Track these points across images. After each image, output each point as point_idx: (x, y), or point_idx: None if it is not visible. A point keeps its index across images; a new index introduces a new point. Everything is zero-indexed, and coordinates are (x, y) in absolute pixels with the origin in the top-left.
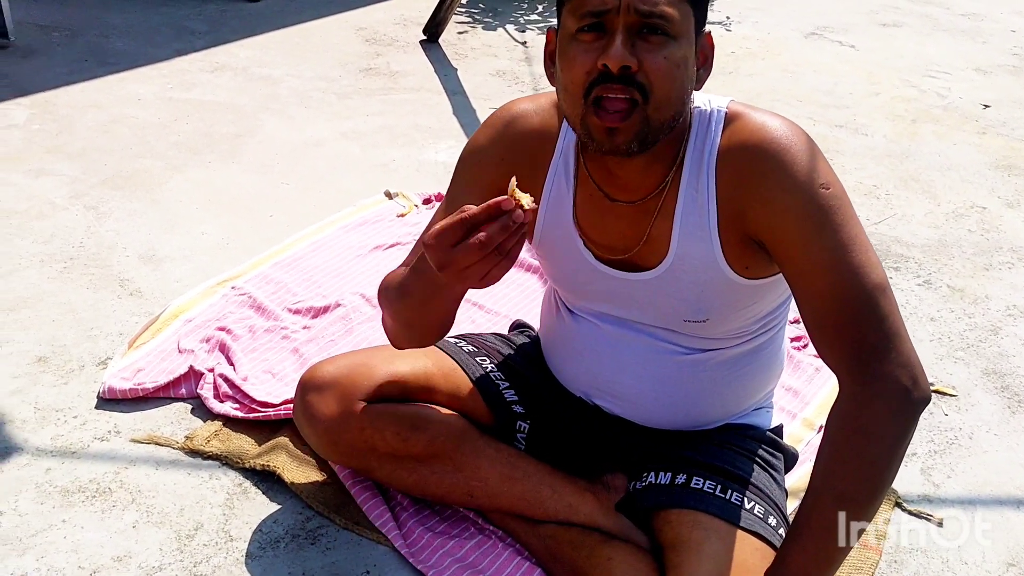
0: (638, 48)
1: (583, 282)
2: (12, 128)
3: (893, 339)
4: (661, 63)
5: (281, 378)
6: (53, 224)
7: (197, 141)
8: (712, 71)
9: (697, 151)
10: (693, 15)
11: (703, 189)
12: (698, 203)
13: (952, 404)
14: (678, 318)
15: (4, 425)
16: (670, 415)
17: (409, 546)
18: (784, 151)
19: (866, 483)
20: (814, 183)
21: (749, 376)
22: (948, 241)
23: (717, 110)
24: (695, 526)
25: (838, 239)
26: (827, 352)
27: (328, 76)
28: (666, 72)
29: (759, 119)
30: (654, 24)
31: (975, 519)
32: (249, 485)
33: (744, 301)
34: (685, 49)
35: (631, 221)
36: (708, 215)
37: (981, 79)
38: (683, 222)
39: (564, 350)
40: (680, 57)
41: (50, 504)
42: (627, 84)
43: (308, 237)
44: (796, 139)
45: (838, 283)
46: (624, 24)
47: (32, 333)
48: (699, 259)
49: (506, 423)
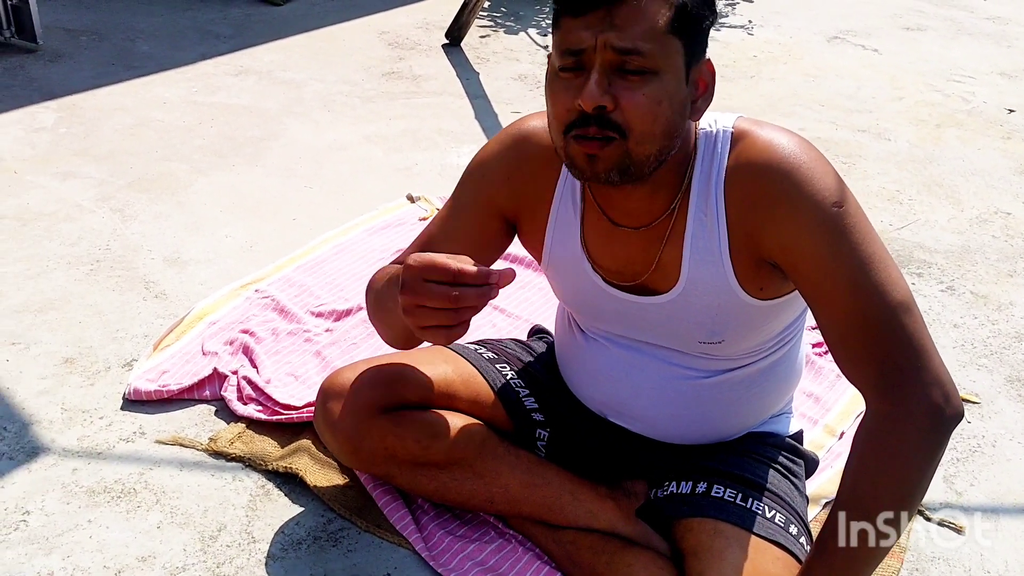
0: (616, 86)
1: (594, 304)
2: (40, 131)
3: (921, 357)
4: (640, 100)
5: (304, 381)
6: (80, 227)
7: (222, 144)
8: (734, 75)
9: (704, 174)
10: (682, 47)
11: (712, 213)
12: (708, 227)
13: (975, 411)
14: (693, 340)
15: (32, 425)
16: (688, 433)
17: (430, 549)
18: (794, 170)
19: (897, 503)
20: (826, 202)
21: (767, 391)
22: (972, 247)
23: (723, 130)
24: (716, 534)
25: (856, 258)
26: (852, 372)
27: (351, 80)
28: (645, 109)
29: (766, 137)
30: (632, 61)
31: (998, 527)
32: (272, 487)
33: (760, 321)
34: (670, 84)
35: (640, 246)
36: (719, 239)
37: (1006, 83)
38: (693, 247)
39: (579, 370)
40: (663, 93)
41: (76, 504)
42: (602, 125)
43: (331, 240)
44: (805, 156)
45: (860, 304)
46: (601, 62)
47: (59, 335)
48: (711, 283)
49: (526, 431)
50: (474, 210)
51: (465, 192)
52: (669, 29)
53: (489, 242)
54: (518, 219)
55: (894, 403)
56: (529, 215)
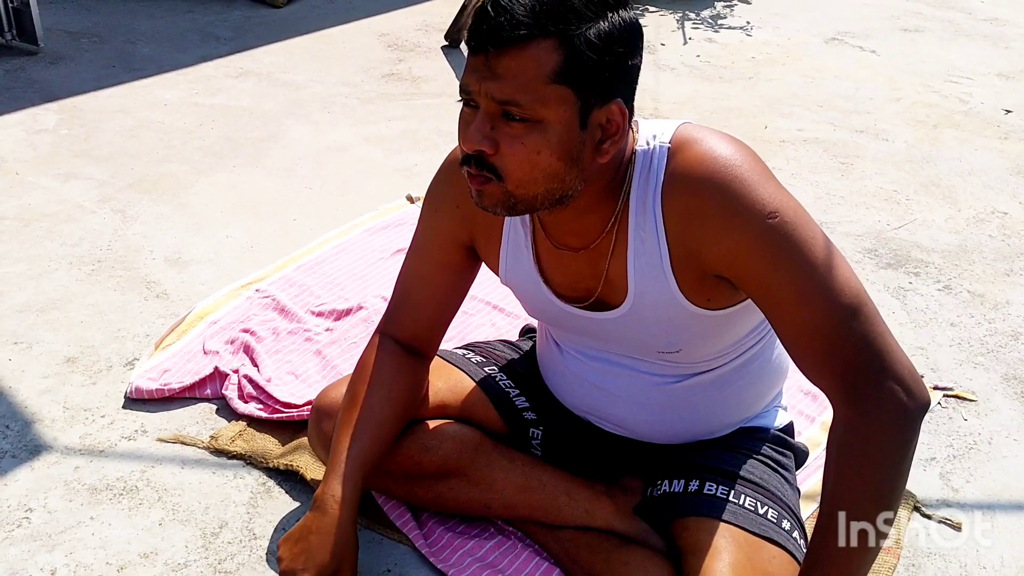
0: (499, 131)
1: (555, 319)
2: (42, 133)
3: (877, 358)
4: (517, 149)
5: (304, 379)
6: (82, 227)
7: (222, 146)
8: (733, 76)
9: (640, 191)
10: (575, 95)
11: (651, 229)
12: (647, 243)
13: (972, 409)
14: (652, 351)
15: (34, 424)
16: (669, 434)
17: (430, 546)
18: (726, 183)
19: (878, 500)
20: (761, 214)
21: (743, 390)
22: (969, 246)
23: (660, 146)
24: (711, 533)
25: (797, 268)
26: (816, 379)
27: (351, 81)
28: (522, 158)
29: (699, 149)
30: (512, 111)
31: (994, 524)
32: (273, 484)
33: (715, 330)
34: (555, 133)
35: (587, 264)
36: (660, 254)
37: (1003, 84)
38: (636, 263)
39: (558, 379)
40: (543, 143)
41: (78, 501)
42: (480, 166)
43: (331, 240)
44: (738, 168)
45: (808, 313)
46: (484, 108)
47: (61, 334)
48: (658, 297)
49: (519, 431)
50: (434, 246)
51: (423, 229)
52: (554, 79)
53: (458, 272)
54: (475, 242)
55: (858, 410)
56: (483, 238)
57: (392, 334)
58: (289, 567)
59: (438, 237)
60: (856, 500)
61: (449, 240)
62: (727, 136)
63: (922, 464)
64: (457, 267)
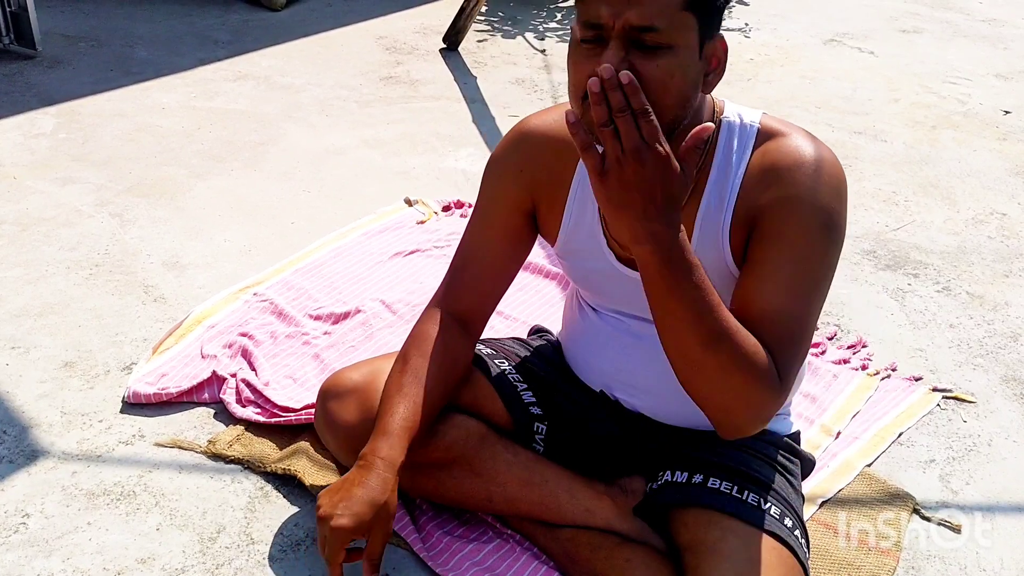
0: (632, 56)
1: (604, 283)
2: (40, 137)
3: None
4: (654, 73)
5: (302, 383)
6: (79, 231)
7: (220, 149)
8: (731, 77)
9: (724, 163)
10: (697, 23)
11: (725, 197)
12: (718, 211)
13: (971, 411)
14: None
15: (31, 429)
16: (690, 409)
17: (428, 549)
18: (816, 175)
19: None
20: (827, 219)
21: None
22: (967, 248)
23: (750, 125)
24: (711, 526)
25: (807, 269)
26: None
27: (349, 84)
28: (659, 81)
29: (798, 141)
30: (648, 37)
31: (994, 526)
32: (270, 489)
33: None
34: (684, 57)
35: None
36: (724, 222)
37: (1002, 85)
38: (702, 227)
39: (587, 344)
40: (676, 66)
41: (76, 507)
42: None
43: (329, 244)
44: (831, 170)
45: (789, 307)
46: (618, 35)
47: (59, 338)
48: (712, 263)
49: (524, 425)
50: (495, 211)
51: (483, 196)
52: (684, 6)
53: (518, 238)
54: (536, 207)
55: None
56: (547, 202)
57: (447, 306)
58: (328, 512)
59: (501, 204)
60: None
61: (512, 206)
62: (817, 138)
63: (921, 466)
64: (518, 234)
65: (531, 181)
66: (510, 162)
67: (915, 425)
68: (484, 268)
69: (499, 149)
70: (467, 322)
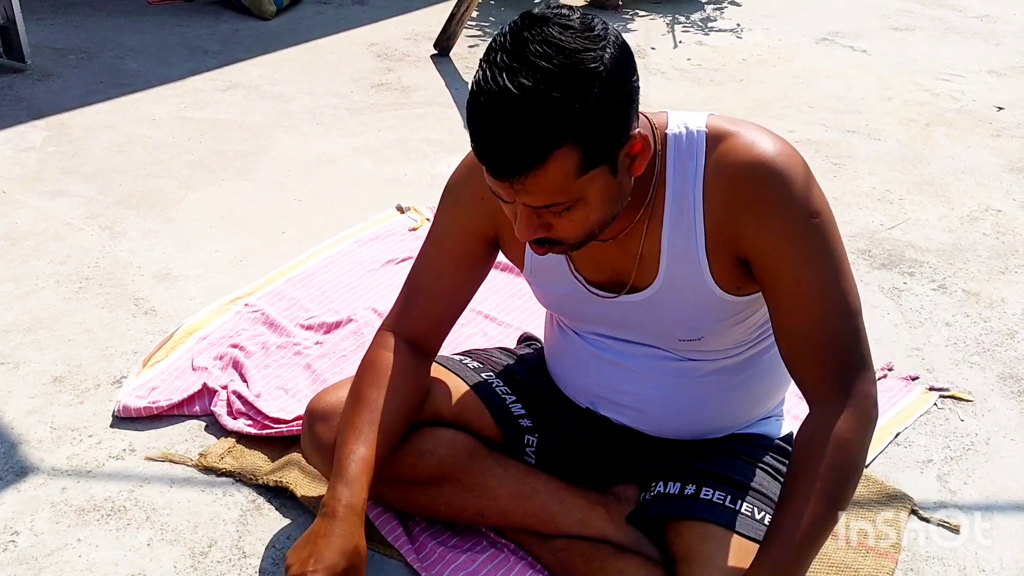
0: (545, 218)
1: (576, 307)
2: (29, 150)
3: (867, 359)
4: (568, 225)
5: (294, 394)
6: (69, 245)
7: (211, 159)
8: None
9: (679, 174)
10: (604, 162)
11: (688, 212)
12: (684, 226)
13: (968, 409)
14: (672, 338)
15: (21, 445)
16: (677, 423)
17: (421, 561)
18: (777, 175)
19: (849, 485)
20: (807, 209)
21: (754, 380)
22: (963, 245)
23: (697, 131)
24: (705, 538)
25: (828, 268)
26: (804, 369)
27: (340, 92)
28: (576, 228)
29: (748, 138)
30: (552, 209)
31: (993, 525)
32: (262, 501)
33: (736, 318)
34: (597, 197)
35: (618, 244)
36: (695, 237)
37: (995, 81)
38: (670, 244)
39: (568, 362)
40: (590, 210)
41: (65, 523)
42: (541, 243)
43: (321, 253)
44: (789, 161)
45: (825, 309)
46: (524, 211)
47: (48, 353)
48: (688, 280)
49: (514, 438)
50: (453, 238)
51: (441, 222)
52: (580, 172)
53: (474, 263)
54: (499, 234)
55: (840, 400)
56: (510, 230)
57: (400, 331)
58: (300, 570)
59: (458, 230)
60: (833, 483)
61: (471, 233)
62: (766, 129)
63: (919, 466)
64: (474, 259)
65: (493, 208)
66: (471, 189)
67: (912, 425)
68: (438, 292)
69: (459, 172)
70: (420, 344)
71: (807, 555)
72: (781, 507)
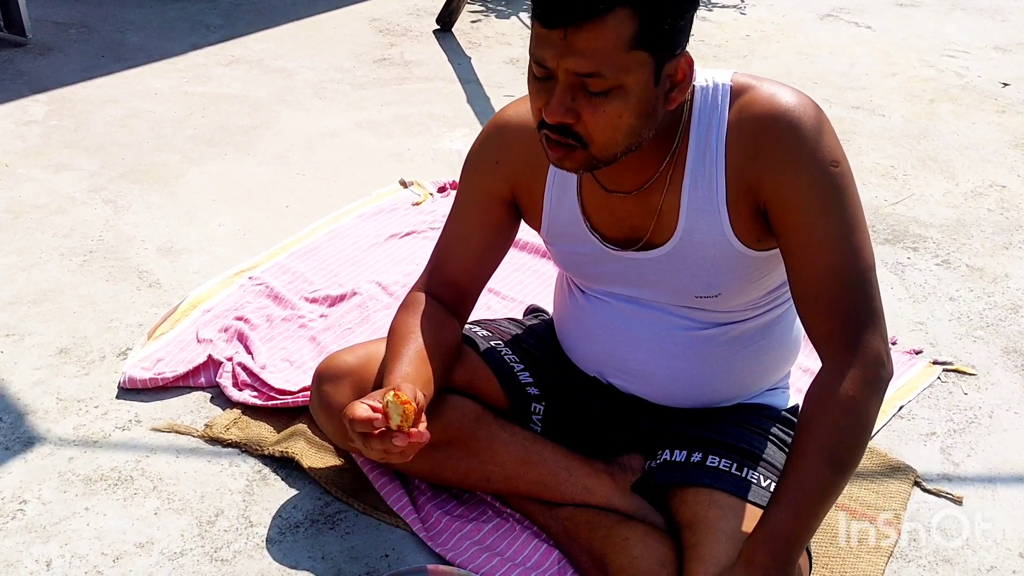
0: (579, 102)
1: (593, 266)
2: (31, 124)
3: (878, 315)
4: (601, 118)
5: (299, 366)
6: (73, 218)
7: (213, 134)
8: (727, 54)
9: (703, 126)
10: (650, 56)
11: (711, 163)
12: (706, 178)
13: (972, 383)
14: (689, 295)
15: (27, 416)
16: (684, 392)
17: (427, 530)
18: (798, 124)
19: (855, 446)
20: (826, 159)
21: (764, 351)
22: (967, 220)
23: (721, 84)
24: (711, 505)
25: (843, 218)
26: (817, 323)
27: (342, 67)
28: (606, 124)
29: (769, 90)
30: (594, 83)
31: (996, 497)
32: (268, 472)
33: (755, 274)
34: (634, 95)
35: (638, 203)
36: (716, 190)
37: (1000, 57)
38: (691, 196)
39: (578, 329)
40: (625, 107)
41: (73, 492)
42: (564, 134)
43: (324, 227)
44: (809, 111)
45: (839, 261)
46: (563, 81)
47: (54, 325)
48: (707, 233)
49: (521, 405)
50: (475, 205)
51: (463, 190)
52: (632, 45)
53: (498, 229)
54: (517, 198)
55: (849, 353)
56: (526, 192)
57: (432, 292)
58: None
59: (478, 195)
60: (839, 441)
61: (489, 197)
62: (788, 85)
63: (922, 439)
64: (497, 224)
65: (508, 171)
66: (486, 155)
67: (916, 398)
68: (463, 257)
69: (476, 143)
70: (452, 306)
71: (810, 518)
72: (786, 469)
